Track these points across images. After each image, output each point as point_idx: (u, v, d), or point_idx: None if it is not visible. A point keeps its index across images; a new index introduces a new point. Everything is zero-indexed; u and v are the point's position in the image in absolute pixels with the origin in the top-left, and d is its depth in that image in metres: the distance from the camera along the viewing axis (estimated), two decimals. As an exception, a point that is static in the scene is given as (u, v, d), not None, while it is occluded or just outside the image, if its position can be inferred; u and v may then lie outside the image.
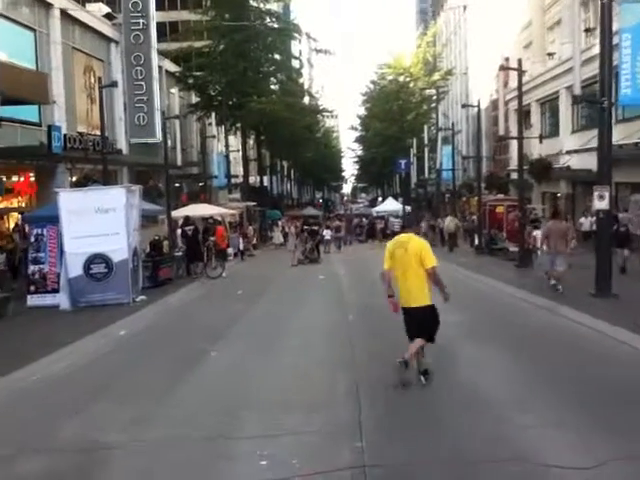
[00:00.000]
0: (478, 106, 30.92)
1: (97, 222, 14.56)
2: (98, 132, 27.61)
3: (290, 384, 7.75)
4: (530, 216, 26.21)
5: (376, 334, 10.69)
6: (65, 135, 24.39)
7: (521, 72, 20.69)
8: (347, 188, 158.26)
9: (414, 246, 7.32)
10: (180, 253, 22.47)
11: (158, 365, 9.12)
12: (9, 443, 6.10)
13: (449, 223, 32.02)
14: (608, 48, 13.39)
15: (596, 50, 28.31)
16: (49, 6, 27.20)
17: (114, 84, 21.38)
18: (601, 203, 12.90)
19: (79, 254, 14.55)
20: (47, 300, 15.09)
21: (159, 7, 59.91)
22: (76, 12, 30.12)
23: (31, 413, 7.09)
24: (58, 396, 7.68)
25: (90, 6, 38.55)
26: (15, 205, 24.34)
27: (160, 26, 54.75)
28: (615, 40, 14.21)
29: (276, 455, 5.46)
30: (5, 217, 23.97)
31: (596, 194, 12.95)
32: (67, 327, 12.26)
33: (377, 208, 56.68)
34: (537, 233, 23.66)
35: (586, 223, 25.33)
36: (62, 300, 14.57)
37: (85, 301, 14.67)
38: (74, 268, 14.54)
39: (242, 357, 9.39)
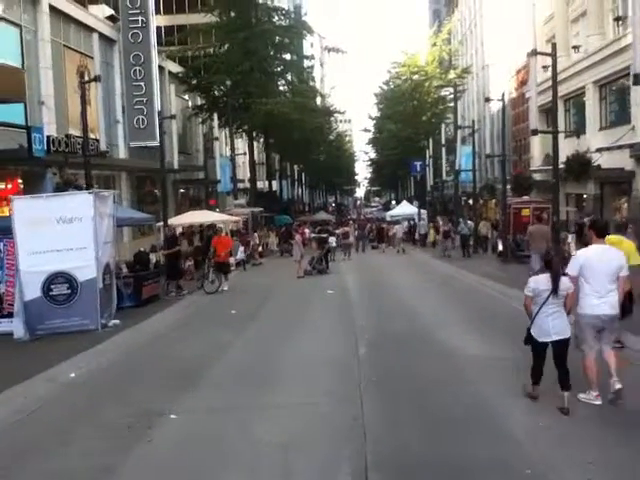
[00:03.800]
0: (503, 99, 28.61)
1: (59, 234, 12.32)
2: (92, 135, 25.84)
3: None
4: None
5: (393, 380, 8.42)
6: (49, 137, 22.37)
7: (555, 57, 18.35)
8: (360, 192, 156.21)
9: (627, 246, 8.86)
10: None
11: (90, 439, 6.74)
12: None
13: (481, 227, 32.10)
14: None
15: (627, 41, 26.38)
16: (36, 0, 25.29)
17: (97, 78, 19.34)
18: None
19: (37, 273, 12.29)
20: (1, 327, 12.80)
21: (167, 10, 58.98)
22: (68, 7, 28.29)
23: None
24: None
25: (92, 8, 36.91)
26: (7, 214, 22.38)
27: (168, 30, 53.45)
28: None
29: None
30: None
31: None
32: (9, 366, 10.03)
33: (391, 212, 54.45)
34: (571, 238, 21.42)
35: None
36: (17, 327, 12.27)
37: (45, 328, 12.39)
38: (31, 289, 12.29)
39: (209, 424, 7.04)
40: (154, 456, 6.22)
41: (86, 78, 28.55)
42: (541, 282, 7.11)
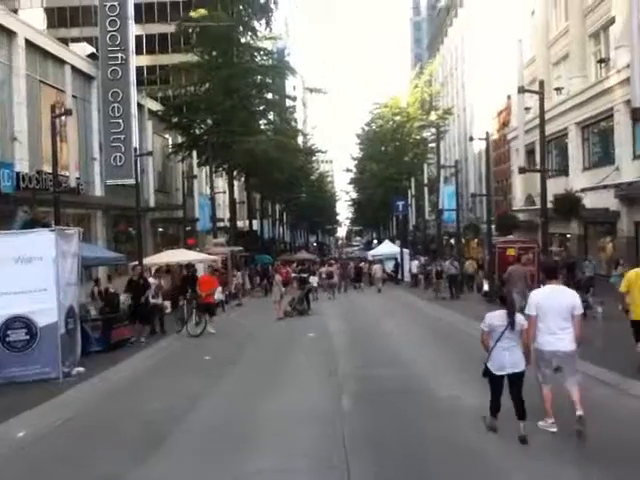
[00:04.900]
0: (487, 138, 28.32)
1: (17, 275, 11.32)
2: (66, 172, 25.01)
3: None
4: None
5: (382, 440, 7.48)
6: (18, 173, 21.56)
7: (542, 94, 18.00)
8: (342, 231, 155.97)
9: None
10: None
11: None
12: None
13: (468, 266, 32.14)
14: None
15: (610, 83, 26.34)
16: (12, 34, 24.73)
17: (68, 112, 18.58)
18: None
19: (-8, 317, 11.30)
20: (-46, 376, 11.64)
21: (150, 50, 58.98)
22: (45, 43, 27.76)
23: None
24: None
25: (74, 46, 36.56)
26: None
27: (151, 69, 53.32)
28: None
29: None
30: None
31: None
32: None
33: (373, 252, 53.89)
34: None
35: None
36: (-30, 377, 11.19)
37: (1, 377, 11.31)
38: (-15, 336, 11.26)
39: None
40: None
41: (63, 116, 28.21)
42: (496, 318, 7.43)
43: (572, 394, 7.38)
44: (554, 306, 7.45)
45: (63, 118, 25.98)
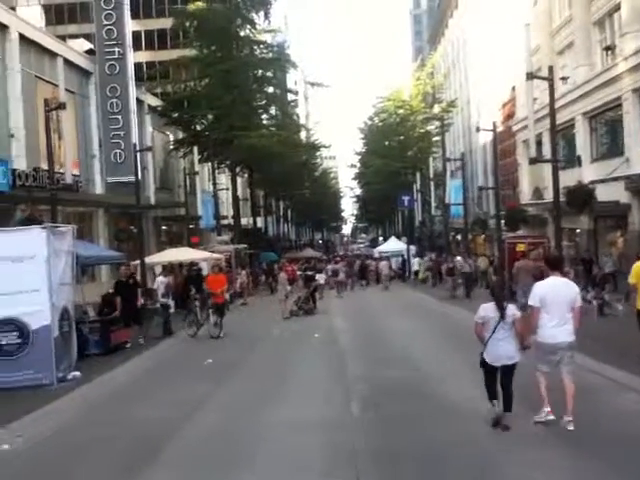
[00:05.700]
0: (494, 129, 27.68)
1: (8, 275, 10.77)
2: (61, 169, 24.53)
3: None
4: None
5: (397, 453, 6.87)
6: (14, 171, 20.99)
7: (552, 80, 17.35)
8: (347, 229, 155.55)
9: None
10: (157, 306, 19.04)
11: None
12: None
13: (480, 263, 31.87)
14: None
15: (617, 71, 25.67)
16: (4, 28, 24.13)
17: (62, 106, 18.00)
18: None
19: (-21, 320, 10.74)
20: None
21: (149, 46, 58.44)
22: (40, 37, 27.19)
23: None
24: None
25: (71, 42, 36.01)
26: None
27: (150, 65, 52.76)
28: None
29: None
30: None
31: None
32: None
33: (380, 248, 53.24)
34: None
35: None
36: (-41, 383, 10.59)
37: (-8, 383, 10.76)
38: (-26, 339, 10.68)
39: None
40: None
41: (60, 112, 27.61)
42: (489, 310, 7.52)
43: (567, 387, 7.33)
44: (558, 298, 7.42)
45: (59, 113, 25.64)
